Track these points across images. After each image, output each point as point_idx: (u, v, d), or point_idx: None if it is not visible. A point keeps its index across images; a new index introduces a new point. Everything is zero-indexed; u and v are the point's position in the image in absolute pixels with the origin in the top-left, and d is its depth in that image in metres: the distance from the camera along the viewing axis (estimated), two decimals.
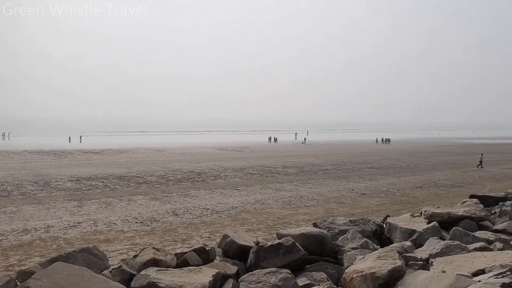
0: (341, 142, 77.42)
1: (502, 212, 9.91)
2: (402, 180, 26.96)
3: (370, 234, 8.74)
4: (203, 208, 17.59)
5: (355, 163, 37.03)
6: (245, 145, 61.05)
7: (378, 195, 21.35)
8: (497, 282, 4.68)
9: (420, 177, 28.75)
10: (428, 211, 9.35)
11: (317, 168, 33.17)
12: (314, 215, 16.25)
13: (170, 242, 12.51)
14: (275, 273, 5.77)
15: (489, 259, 6.05)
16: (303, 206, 18.41)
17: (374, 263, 5.92)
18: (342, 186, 24.00)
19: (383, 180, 26.97)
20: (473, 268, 5.82)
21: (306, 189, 22.76)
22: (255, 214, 16.58)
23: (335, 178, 27.52)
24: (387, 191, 22.75)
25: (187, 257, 6.69)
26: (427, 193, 22.24)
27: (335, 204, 18.97)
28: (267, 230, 14.02)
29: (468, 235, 8.04)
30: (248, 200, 19.35)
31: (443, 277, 5.30)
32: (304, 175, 28.78)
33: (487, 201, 12.25)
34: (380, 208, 17.99)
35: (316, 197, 20.54)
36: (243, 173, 29.07)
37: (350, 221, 9.12)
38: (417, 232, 8.44)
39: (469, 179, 28.07)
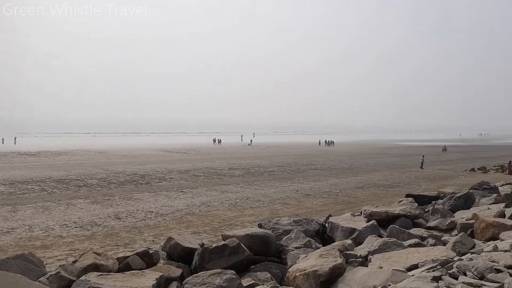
0: (287, 144, 78.69)
1: (434, 210, 10.53)
2: (344, 181, 27.77)
3: (313, 233, 8.97)
4: (147, 211, 17.20)
5: (300, 165, 37.76)
6: (191, 147, 60.42)
7: (321, 196, 21.86)
8: (429, 275, 4.97)
9: (361, 177, 29.78)
10: (368, 210, 9.75)
11: (263, 169, 33.48)
12: (259, 216, 16.35)
13: (112, 247, 12.11)
14: (219, 274, 5.79)
15: (422, 255, 6.42)
16: (249, 207, 18.48)
17: (316, 262, 6.10)
18: (287, 187, 24.35)
19: (326, 181, 27.65)
20: (408, 263, 6.15)
21: (252, 191, 22.88)
22: (201, 217, 16.43)
23: (280, 179, 27.89)
24: (330, 191, 23.34)
25: (130, 261, 6.54)
26: (368, 193, 23.05)
27: (280, 205, 19.21)
28: (212, 232, 13.94)
29: (403, 232, 8.47)
30: (193, 203, 19.14)
31: (380, 273, 5.55)
32: (250, 177, 28.94)
33: (421, 200, 12.96)
34: (323, 208, 18.41)
35: (262, 198, 20.70)
36: (188, 175, 28.75)
37: (294, 221, 9.31)
38: (357, 231, 8.78)
39: (406, 179, 29.45)
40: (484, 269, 5.25)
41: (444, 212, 10.68)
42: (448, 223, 9.83)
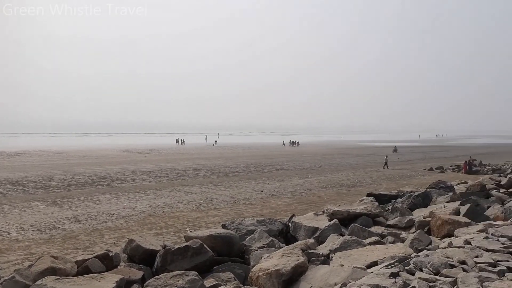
0: (252, 144, 78.88)
1: (394, 208, 10.83)
2: (308, 181, 28.08)
3: (277, 233, 9.03)
4: (108, 213, 16.80)
5: (265, 165, 37.93)
6: (155, 148, 59.53)
7: (286, 196, 22.02)
8: (387, 272, 5.11)
9: (325, 177, 30.22)
10: (330, 209, 9.91)
11: (228, 170, 33.42)
12: (224, 217, 16.29)
13: (71, 250, 11.74)
14: (182, 276, 5.72)
15: (381, 252, 6.58)
16: (213, 208, 18.38)
17: (279, 261, 6.14)
18: (252, 188, 24.39)
19: (290, 181, 27.88)
20: (368, 260, 6.29)
21: (217, 191, 22.78)
22: (164, 218, 16.21)
23: (245, 180, 27.91)
24: (295, 191, 23.55)
25: (89, 264, 6.37)
26: (331, 193, 23.41)
27: (244, 205, 19.21)
28: (176, 234, 13.78)
29: (364, 230, 8.66)
30: (156, 204, 18.85)
31: (341, 270, 5.66)
32: (214, 178, 28.82)
33: (382, 199, 13.28)
34: (287, 208, 18.55)
35: (227, 199, 20.65)
36: (151, 176, 28.30)
37: (258, 221, 9.34)
38: (320, 230, 8.90)
39: (367, 179, 30.13)
40: (439, 264, 5.45)
41: (403, 211, 11.01)
42: (406, 221, 10.15)
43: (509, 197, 13.06)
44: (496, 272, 5.23)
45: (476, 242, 6.50)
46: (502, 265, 5.46)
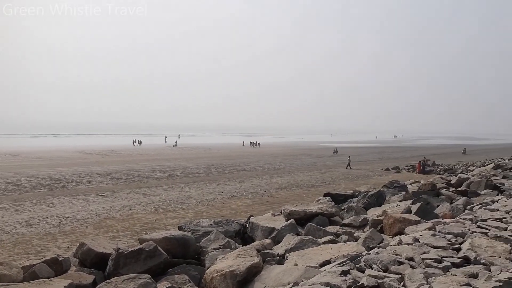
0: (213, 145, 78.49)
1: (349, 208, 11.08)
2: (269, 182, 28.24)
3: (233, 234, 9.02)
4: (62, 216, 16.25)
5: (225, 166, 37.85)
6: (113, 149, 58.13)
7: (246, 197, 22.05)
8: (338, 270, 5.21)
9: (285, 178, 30.50)
10: (287, 209, 10.01)
11: (188, 171, 33.10)
12: (183, 219, 16.11)
13: (22, 255, 11.26)
14: (134, 279, 5.61)
15: (335, 251, 6.72)
16: (172, 210, 18.15)
17: (233, 262, 6.14)
18: (212, 189, 24.28)
19: (251, 182, 27.96)
20: (321, 259, 6.40)
21: (176, 193, 22.52)
22: (121, 221, 15.86)
23: (205, 181, 27.74)
24: (255, 192, 23.63)
25: (36, 269, 6.13)
26: (291, 193, 23.65)
27: (204, 207, 19.09)
28: (133, 237, 13.49)
29: (320, 230, 8.80)
30: (113, 206, 18.41)
31: (295, 270, 5.73)
32: (174, 179, 28.47)
33: (338, 198, 13.56)
34: (248, 209, 18.58)
35: (186, 200, 20.44)
36: (108, 178, 27.60)
37: (215, 222, 9.30)
38: (276, 230, 8.97)
39: (327, 179, 30.66)
40: (388, 262, 5.62)
41: (358, 210, 11.29)
42: (361, 220, 10.40)
43: (457, 196, 13.64)
44: (441, 268, 5.45)
45: (424, 239, 6.74)
46: (447, 261, 5.69)
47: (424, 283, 4.89)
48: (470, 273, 5.25)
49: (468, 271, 5.33)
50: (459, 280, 4.92)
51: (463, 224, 7.89)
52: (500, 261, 5.79)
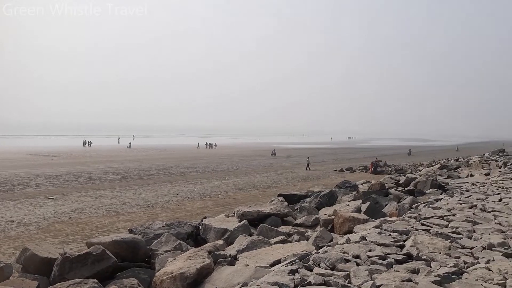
0: (168, 146, 77.43)
1: (302, 208, 11.27)
2: (225, 183, 28.20)
3: (185, 236, 8.96)
4: (7, 220, 15.49)
5: (181, 167, 37.43)
6: (63, 150, 56.07)
7: (202, 198, 21.92)
8: (287, 269, 5.30)
9: (242, 179, 30.56)
10: (240, 210, 10.05)
11: (142, 173, 32.46)
12: (136, 222, 15.80)
13: None
14: (80, 284, 5.45)
15: (285, 250, 6.82)
16: (125, 213, 17.75)
17: (184, 264, 6.10)
18: (167, 191, 23.95)
19: (207, 183, 27.81)
20: (272, 259, 6.47)
21: (130, 195, 22.03)
22: (71, 224, 15.33)
23: (160, 183, 27.31)
24: (211, 193, 23.53)
25: None
26: (247, 194, 23.72)
27: (159, 209, 18.80)
28: (83, 241, 13.05)
29: (272, 230, 8.90)
30: (63, 210, 17.76)
31: (245, 270, 5.77)
32: (128, 181, 27.82)
33: (292, 199, 13.75)
34: (203, 210, 18.46)
35: (140, 203, 20.05)
36: (58, 181, 26.58)
37: (167, 224, 9.20)
38: (229, 231, 8.99)
39: (283, 180, 31.01)
40: (335, 260, 5.77)
41: (310, 210, 11.52)
42: (313, 220, 10.62)
43: (405, 195, 14.18)
44: (385, 264, 5.66)
45: (370, 237, 6.97)
46: (391, 258, 5.92)
47: (368, 280, 5.06)
48: (412, 269, 5.49)
49: (410, 267, 5.57)
50: (401, 275, 5.13)
51: (408, 222, 8.22)
52: (440, 256, 6.09)
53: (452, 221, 8.31)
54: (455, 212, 9.32)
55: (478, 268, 5.49)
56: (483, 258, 5.94)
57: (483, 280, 5.08)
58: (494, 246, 6.49)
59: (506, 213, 9.19)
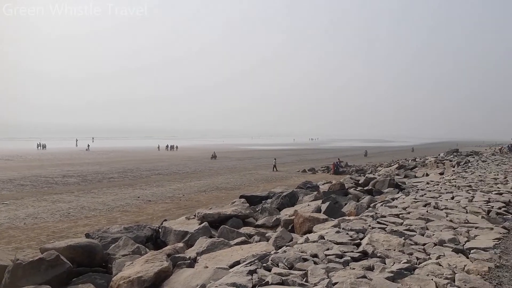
0: (129, 149, 75.97)
1: (263, 209, 11.34)
2: (187, 185, 27.94)
3: (144, 239, 8.82)
4: None
5: (142, 170, 36.81)
6: (17, 153, 53.89)
7: (164, 201, 21.63)
8: (245, 270, 5.32)
9: (205, 181, 30.38)
10: (201, 212, 10.00)
11: (101, 176, 31.66)
12: (95, 226, 15.40)
13: None
14: None
15: (245, 251, 6.84)
16: (83, 217, 17.27)
17: (141, 267, 6.00)
18: (128, 194, 23.48)
19: (169, 186, 27.48)
20: (231, 260, 6.48)
21: (89, 199, 21.44)
22: (26, 230, 14.75)
23: (121, 186, 26.74)
24: (173, 196, 23.26)
25: None
26: (210, 196, 23.59)
27: (119, 213, 18.40)
28: (38, 247, 12.57)
29: (233, 231, 8.91)
30: (17, 215, 17.06)
31: (204, 272, 5.74)
32: (86, 185, 27.07)
33: (253, 200, 13.80)
34: (165, 213, 18.23)
35: (99, 206, 19.56)
36: (12, 185, 25.52)
37: (125, 228, 9.02)
38: (189, 233, 8.92)
39: (246, 181, 31.05)
40: (293, 259, 5.84)
41: (271, 210, 11.61)
42: (273, 220, 10.70)
43: (364, 195, 14.55)
44: (342, 262, 5.78)
45: (328, 236, 7.11)
46: (347, 256, 6.06)
47: (325, 278, 5.16)
48: (367, 266, 5.64)
49: (365, 264, 5.72)
50: (356, 273, 5.27)
51: (365, 221, 8.43)
52: (394, 253, 6.28)
53: (406, 219, 8.59)
54: (410, 210, 9.64)
55: (429, 263, 5.71)
56: (435, 254, 6.17)
57: (433, 275, 5.28)
58: (445, 242, 6.76)
59: (457, 211, 9.59)
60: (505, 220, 8.67)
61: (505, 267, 5.61)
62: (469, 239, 7.06)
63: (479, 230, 7.59)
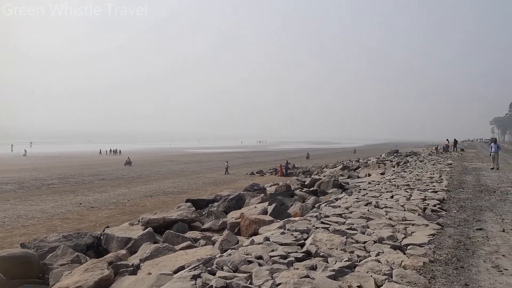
0: (69, 153, 72.98)
1: (209, 212, 11.26)
2: (133, 190, 27.26)
3: (85, 248, 8.48)
4: None
5: (85, 176, 35.45)
6: None
7: (107, 207, 20.96)
8: (189, 275, 5.24)
9: (151, 186, 29.76)
10: (145, 218, 9.76)
11: (40, 183, 30.14)
12: (33, 235, 14.60)
13: None
14: None
15: (190, 256, 6.75)
16: (20, 226, 16.35)
17: (80, 277, 5.76)
18: (69, 201, 22.53)
19: (114, 191, 26.67)
20: (176, 266, 6.37)
21: (26, 207, 20.33)
22: None
23: (61, 192, 25.60)
24: (117, 202, 22.60)
25: None
26: (156, 201, 23.13)
27: (59, 220, 17.60)
28: None
29: (178, 236, 8.77)
30: None
31: (147, 279, 5.60)
32: (24, 192, 25.66)
33: (200, 203, 13.68)
34: (109, 220, 17.67)
35: (38, 215, 18.60)
36: None
37: (64, 236, 8.62)
38: (133, 240, 8.68)
39: (194, 185, 30.73)
40: (238, 262, 5.84)
41: (218, 214, 11.56)
42: (220, 224, 10.66)
43: (309, 195, 14.83)
44: (286, 263, 5.85)
45: (274, 237, 7.17)
46: (292, 256, 6.14)
47: (269, 279, 5.19)
48: (310, 266, 5.74)
49: (309, 264, 5.82)
50: (299, 273, 5.34)
51: (309, 221, 8.58)
52: (337, 252, 6.44)
53: (349, 218, 8.84)
54: (352, 209, 9.93)
55: (369, 261, 5.90)
56: (374, 251, 6.40)
57: (373, 272, 5.47)
58: (384, 239, 7.02)
59: (396, 209, 10.01)
60: (439, 216, 9.15)
61: (438, 262, 5.91)
62: (406, 235, 7.37)
63: (415, 227, 7.95)
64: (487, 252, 6.41)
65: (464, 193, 12.90)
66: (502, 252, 6.40)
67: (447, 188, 13.76)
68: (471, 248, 6.61)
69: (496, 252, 6.41)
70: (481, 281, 5.16)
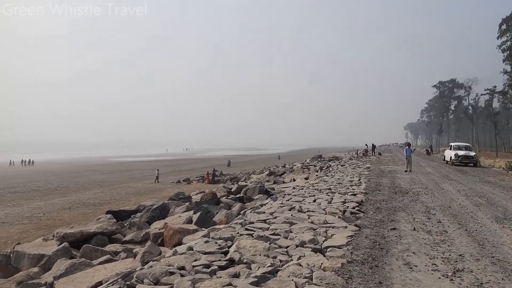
0: None
1: (131, 224, 10.85)
2: (49, 203, 25.59)
3: None
4: None
5: None
6: None
7: (20, 222, 19.46)
8: None
9: (69, 198, 28.14)
10: (61, 232, 9.19)
11: None
12: None
13: None
14: None
15: (109, 270, 6.44)
16: None
17: None
18: None
19: (28, 204, 24.86)
20: (93, 282, 6.04)
21: None
22: None
23: None
24: (32, 216, 21.08)
25: None
26: (76, 213, 21.90)
27: None
28: None
29: (97, 250, 8.34)
30: None
31: None
32: None
33: (122, 215, 13.15)
34: (21, 236, 16.38)
35: None
36: None
37: None
38: (47, 256, 8.12)
39: (117, 195, 29.50)
40: (160, 274, 5.66)
41: (140, 225, 11.17)
42: (142, 235, 10.31)
43: (235, 202, 14.86)
44: (209, 272, 5.77)
45: (197, 247, 7.06)
46: (215, 265, 6.07)
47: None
48: (233, 273, 5.72)
49: (232, 271, 5.79)
50: (222, 281, 5.30)
51: (234, 229, 8.57)
52: (260, 258, 6.49)
53: (273, 224, 8.96)
54: (276, 215, 10.08)
55: (291, 265, 6.01)
56: (296, 255, 6.54)
57: (294, 276, 5.58)
58: (306, 243, 7.20)
59: (318, 212, 10.33)
60: (357, 218, 9.59)
61: (356, 262, 6.19)
62: (327, 238, 7.63)
63: (335, 230, 8.26)
64: (399, 250, 6.83)
65: (381, 195, 13.67)
66: (412, 250, 6.85)
67: (365, 190, 14.49)
68: (385, 247, 7.00)
69: (407, 250, 6.84)
70: (393, 278, 5.47)
